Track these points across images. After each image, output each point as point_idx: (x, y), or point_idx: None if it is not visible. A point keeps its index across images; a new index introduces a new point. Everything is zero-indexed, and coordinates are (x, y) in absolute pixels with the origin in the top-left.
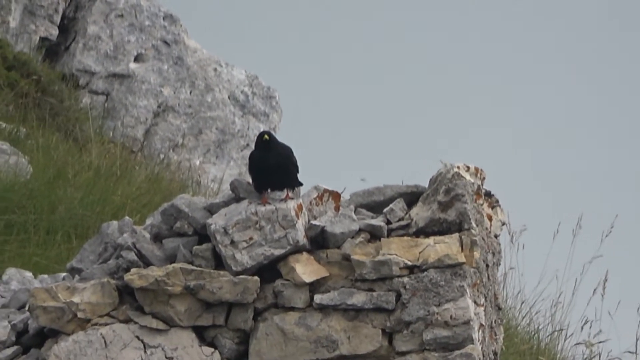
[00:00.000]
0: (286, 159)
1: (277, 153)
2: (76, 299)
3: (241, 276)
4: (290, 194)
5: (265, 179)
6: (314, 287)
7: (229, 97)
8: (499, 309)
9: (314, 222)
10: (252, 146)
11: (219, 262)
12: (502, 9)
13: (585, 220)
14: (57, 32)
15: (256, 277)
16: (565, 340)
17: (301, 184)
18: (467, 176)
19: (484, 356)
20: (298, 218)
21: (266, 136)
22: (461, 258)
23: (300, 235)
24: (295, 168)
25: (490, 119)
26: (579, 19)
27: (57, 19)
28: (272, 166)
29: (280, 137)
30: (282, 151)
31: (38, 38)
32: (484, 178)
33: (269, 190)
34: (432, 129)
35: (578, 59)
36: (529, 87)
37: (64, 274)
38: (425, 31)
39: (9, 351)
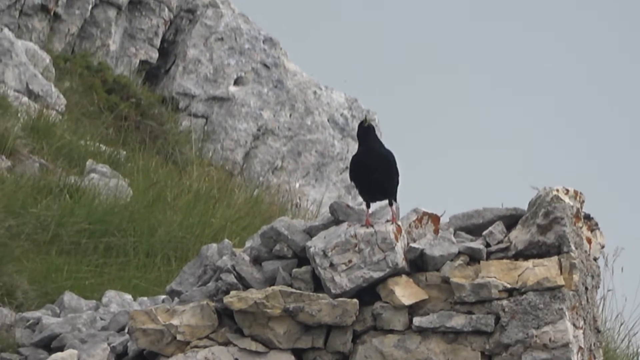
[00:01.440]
0: (387, 160)
1: (377, 151)
2: (175, 322)
3: (340, 299)
4: (395, 217)
5: (367, 178)
6: (413, 309)
7: (328, 120)
8: (598, 331)
9: (413, 244)
10: None
11: (318, 285)
12: None
13: None
14: (157, 55)
15: (355, 300)
16: None
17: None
18: (566, 199)
19: None
20: (397, 241)
21: (366, 123)
22: (560, 281)
23: (399, 258)
24: (396, 172)
25: (593, 139)
26: None
27: (157, 42)
28: (374, 163)
29: None
30: (386, 152)
31: (138, 61)
32: (583, 201)
33: (369, 207)
34: (531, 151)
35: None
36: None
37: (163, 297)
38: (522, 52)
39: None
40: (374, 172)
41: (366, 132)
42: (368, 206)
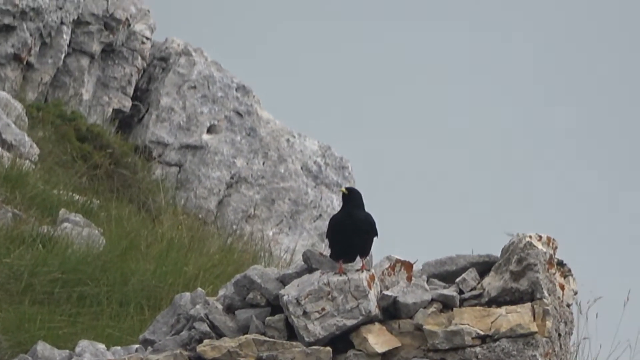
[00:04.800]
0: (368, 225)
1: (359, 217)
2: None
3: (314, 347)
4: (365, 265)
5: (345, 243)
6: (386, 357)
7: (301, 168)
8: None
9: (386, 292)
10: (325, 217)
11: (291, 333)
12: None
13: None
14: (130, 104)
15: (328, 348)
16: None
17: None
18: (540, 245)
19: None
20: (370, 288)
21: (344, 189)
22: (533, 327)
23: (372, 305)
24: (375, 235)
25: (559, 186)
26: None
27: (130, 90)
28: (355, 228)
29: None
30: (366, 217)
31: (111, 110)
32: (556, 247)
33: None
34: (503, 197)
35: None
36: (596, 151)
37: (136, 346)
38: (497, 100)
39: None
40: (354, 237)
41: (349, 197)
42: (342, 255)
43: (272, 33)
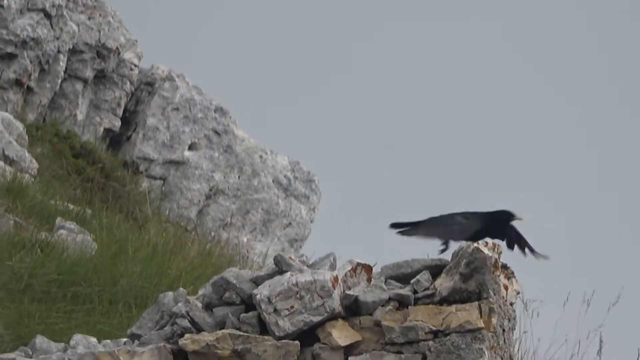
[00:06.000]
0: None
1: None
2: None
3: (283, 341)
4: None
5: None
6: (349, 350)
7: (273, 181)
8: None
9: (348, 292)
10: (294, 225)
11: (263, 328)
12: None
13: (597, 290)
14: (120, 123)
15: (297, 342)
16: None
17: None
18: (486, 251)
19: None
20: (334, 288)
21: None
22: (480, 324)
23: (336, 304)
24: None
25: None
26: None
27: (120, 112)
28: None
29: (319, 216)
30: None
31: (102, 129)
32: (500, 252)
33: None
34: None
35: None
36: (561, 148)
37: (125, 339)
38: (462, 108)
39: None
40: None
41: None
42: None
43: (250, 58)
